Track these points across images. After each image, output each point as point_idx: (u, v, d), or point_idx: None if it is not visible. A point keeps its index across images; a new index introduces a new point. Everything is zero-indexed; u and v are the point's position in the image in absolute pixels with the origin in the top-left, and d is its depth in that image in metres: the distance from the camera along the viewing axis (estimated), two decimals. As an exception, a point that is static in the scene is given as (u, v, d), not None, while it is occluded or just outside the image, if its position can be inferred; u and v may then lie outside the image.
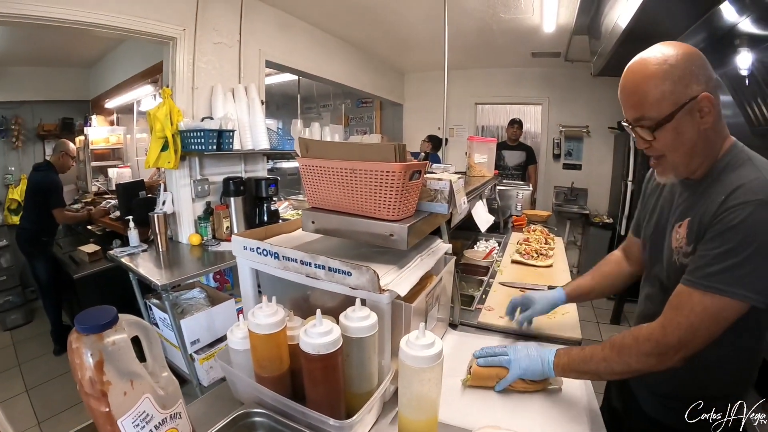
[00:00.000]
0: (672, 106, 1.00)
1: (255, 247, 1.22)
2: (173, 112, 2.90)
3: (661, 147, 1.07)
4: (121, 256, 2.87)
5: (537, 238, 2.93)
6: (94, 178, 5.88)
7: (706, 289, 0.98)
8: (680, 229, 1.13)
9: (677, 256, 1.13)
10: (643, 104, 1.03)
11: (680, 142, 1.04)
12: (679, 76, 0.99)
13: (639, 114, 1.05)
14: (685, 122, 1.01)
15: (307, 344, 0.91)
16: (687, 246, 1.09)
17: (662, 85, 0.99)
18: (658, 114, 1.02)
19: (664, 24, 2.49)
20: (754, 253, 0.93)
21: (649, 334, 1.05)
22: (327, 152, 1.23)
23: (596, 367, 1.14)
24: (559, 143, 6.60)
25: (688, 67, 0.99)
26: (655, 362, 1.04)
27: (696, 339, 1.00)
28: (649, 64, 1.01)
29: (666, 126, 1.02)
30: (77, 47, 5.16)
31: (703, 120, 1.02)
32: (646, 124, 1.05)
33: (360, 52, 5.66)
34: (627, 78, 1.07)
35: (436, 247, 1.44)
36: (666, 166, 1.12)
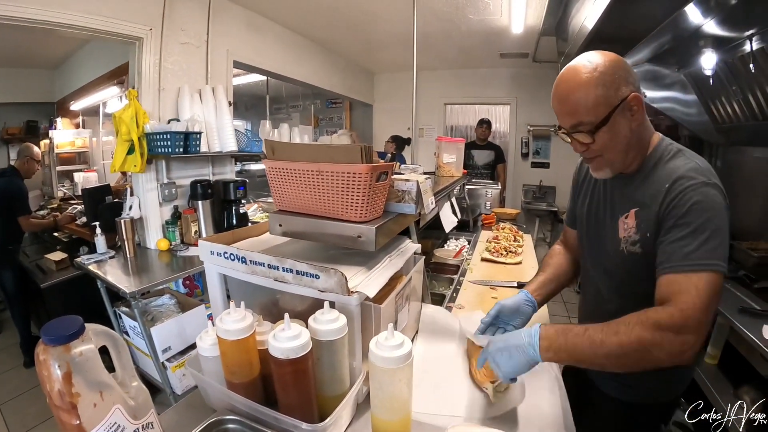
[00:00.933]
0: (607, 109, 1.07)
1: (222, 251, 1.21)
2: (139, 114, 2.85)
3: (599, 148, 1.14)
4: (88, 263, 2.80)
5: (506, 236, 2.97)
6: (60, 183, 5.73)
7: (694, 269, 1.00)
8: (627, 220, 1.19)
9: (625, 245, 1.19)
10: (578, 111, 1.09)
11: (616, 141, 1.12)
12: (609, 81, 1.06)
13: (576, 120, 1.11)
14: (619, 122, 1.09)
15: (276, 349, 0.91)
16: (635, 234, 1.16)
17: (595, 91, 1.06)
18: (596, 118, 1.08)
19: (630, 26, 2.55)
20: (717, 229, 1.01)
21: (664, 312, 0.99)
22: (293, 154, 1.22)
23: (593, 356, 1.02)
24: (527, 142, 6.71)
25: (616, 71, 1.07)
26: (666, 355, 0.97)
27: (708, 317, 0.99)
28: (581, 73, 1.08)
29: (603, 128, 1.09)
30: (42, 48, 5.02)
31: (634, 117, 1.11)
32: (584, 129, 1.11)
33: (329, 52, 5.64)
34: (560, 87, 1.12)
35: (405, 247, 1.45)
36: (602, 163, 1.19)
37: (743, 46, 2.43)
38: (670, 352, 0.97)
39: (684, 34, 2.57)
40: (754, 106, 2.67)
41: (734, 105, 2.88)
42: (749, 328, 1.92)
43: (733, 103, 2.89)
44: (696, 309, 0.98)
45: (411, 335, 1.58)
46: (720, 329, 2.30)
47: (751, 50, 2.36)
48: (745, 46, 2.41)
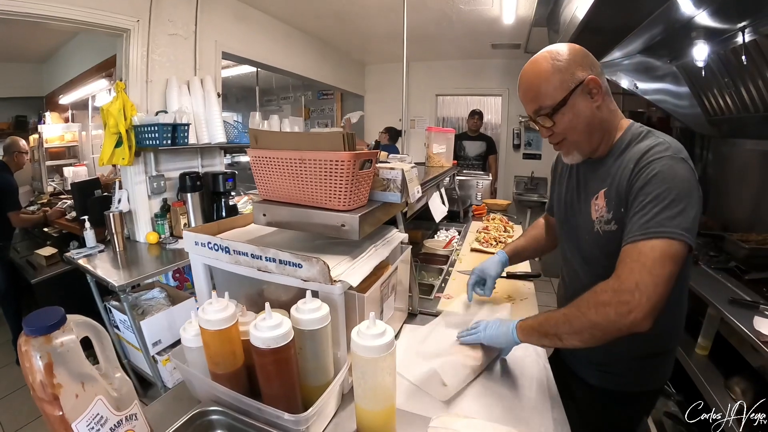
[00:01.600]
0: (564, 92, 1.14)
1: (206, 242, 1.20)
2: (127, 106, 2.82)
3: (561, 130, 1.21)
4: (78, 257, 2.79)
5: (496, 226, 2.97)
6: (50, 178, 5.68)
7: (647, 237, 1.01)
8: (597, 201, 1.23)
9: (599, 226, 1.22)
10: (539, 96, 1.18)
11: (577, 122, 1.18)
12: (565, 67, 1.14)
13: (537, 106, 1.19)
14: (579, 104, 1.16)
15: (257, 338, 0.90)
16: (608, 213, 1.19)
17: (552, 77, 1.15)
18: (553, 101, 1.16)
19: (621, 16, 2.55)
20: (677, 197, 1.01)
21: (605, 284, 1.05)
22: (276, 143, 1.21)
23: (556, 326, 1.12)
24: (519, 134, 6.71)
25: (572, 58, 1.15)
26: (615, 313, 1.00)
27: (654, 277, 0.98)
28: (539, 63, 1.18)
29: (562, 110, 1.16)
30: (29, 41, 4.96)
31: (594, 99, 1.17)
32: (544, 112, 1.18)
33: (320, 43, 5.61)
34: (522, 78, 1.22)
35: (391, 236, 1.44)
36: (569, 147, 1.25)
37: (735, 38, 2.43)
38: (613, 320, 1.00)
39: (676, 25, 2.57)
40: (746, 98, 2.68)
41: (726, 97, 2.89)
42: (740, 319, 1.92)
43: (725, 95, 2.89)
44: (633, 272, 1.00)
45: (397, 326, 1.58)
46: (711, 320, 2.31)
47: (744, 42, 2.36)
48: (737, 38, 2.41)
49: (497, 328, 1.31)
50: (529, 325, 1.22)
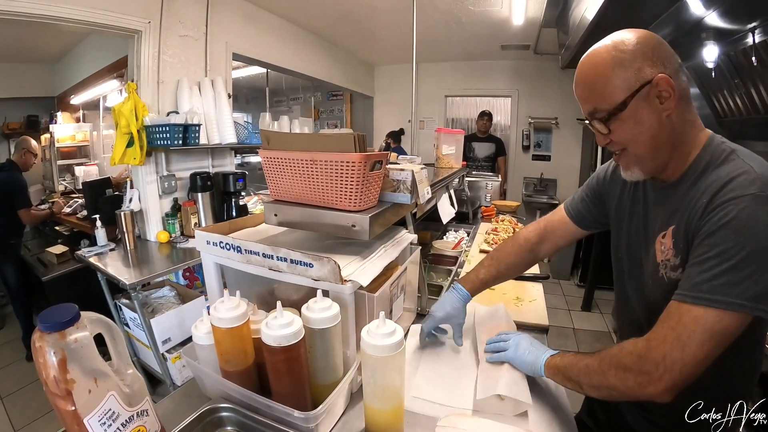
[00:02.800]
0: (624, 93, 0.92)
1: (218, 241, 1.21)
2: (138, 107, 2.84)
3: (620, 140, 0.98)
4: (89, 256, 2.81)
5: (505, 227, 2.97)
6: (61, 177, 5.73)
7: (695, 302, 0.84)
8: (664, 239, 1.01)
9: (664, 270, 1.01)
10: (594, 96, 0.97)
11: (639, 132, 0.95)
12: (629, 61, 0.91)
13: (592, 107, 0.98)
14: (643, 109, 0.92)
15: (269, 336, 0.91)
16: (675, 258, 0.97)
17: (611, 73, 0.92)
18: (610, 104, 0.94)
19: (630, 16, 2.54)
20: (751, 255, 0.80)
21: (633, 346, 0.91)
22: (288, 144, 1.22)
23: (578, 375, 1.02)
24: (528, 135, 6.70)
25: (640, 50, 0.91)
26: (634, 382, 0.89)
27: (685, 356, 0.83)
28: (599, 54, 0.95)
29: (620, 116, 0.94)
30: (41, 42, 5.01)
31: (664, 106, 0.92)
32: (599, 117, 0.97)
33: (329, 44, 5.63)
34: (578, 71, 1.00)
35: (401, 237, 1.45)
36: (629, 160, 1.01)
37: (745, 39, 2.42)
38: (631, 387, 0.90)
39: (685, 26, 2.56)
40: (757, 99, 2.66)
41: (736, 98, 2.88)
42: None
43: (735, 97, 2.88)
44: (665, 341, 0.86)
45: (406, 326, 1.59)
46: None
47: (754, 43, 2.35)
48: (747, 39, 2.40)
49: (527, 354, 1.18)
50: (556, 364, 1.10)
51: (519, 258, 1.48)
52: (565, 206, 1.44)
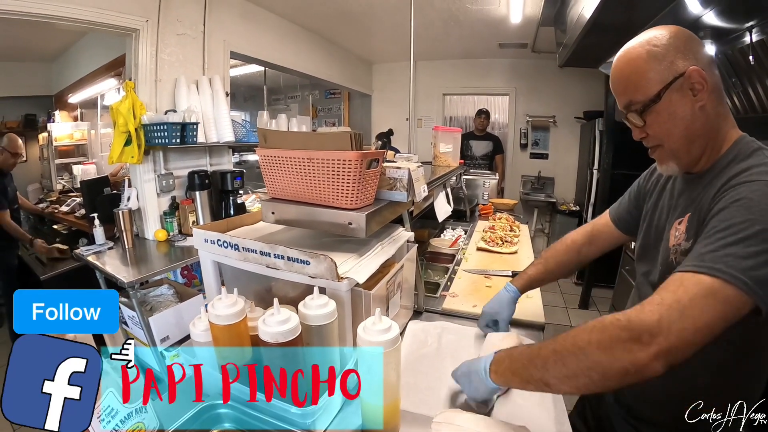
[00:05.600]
0: (659, 85, 0.94)
1: (216, 239, 1.22)
2: (136, 105, 2.84)
3: (656, 132, 1.00)
4: (87, 254, 2.81)
5: (502, 225, 2.98)
6: (59, 176, 5.73)
7: (698, 270, 0.79)
8: (680, 225, 1.02)
9: (674, 255, 1.01)
10: (629, 89, 0.99)
11: (674, 125, 0.96)
12: (662, 54, 0.94)
13: (627, 100, 1.00)
14: (677, 101, 0.95)
15: (266, 333, 0.92)
16: (686, 242, 0.98)
17: (645, 66, 0.95)
18: (645, 96, 0.96)
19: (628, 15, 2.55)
20: (760, 234, 0.77)
21: (620, 314, 0.82)
22: (285, 142, 1.23)
23: (544, 365, 0.88)
24: (526, 133, 6.69)
25: (673, 43, 0.95)
26: (623, 351, 0.77)
27: (684, 319, 0.75)
28: (634, 49, 0.98)
29: (655, 108, 0.96)
30: (38, 41, 4.99)
31: (697, 97, 0.94)
32: (635, 109, 0.99)
33: (327, 42, 5.62)
34: (614, 66, 1.03)
35: (397, 235, 1.46)
36: (665, 154, 1.03)
37: (743, 38, 2.43)
38: (615, 360, 0.78)
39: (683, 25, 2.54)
40: (754, 98, 2.67)
41: (734, 97, 2.88)
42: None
43: (733, 96, 2.88)
44: (662, 304, 0.78)
45: (403, 322, 1.59)
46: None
47: (751, 42, 2.35)
48: (744, 38, 2.41)
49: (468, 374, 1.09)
50: (506, 366, 0.98)
51: (566, 257, 1.49)
52: (610, 211, 1.44)
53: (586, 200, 5.10)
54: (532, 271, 1.53)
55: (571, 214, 5.68)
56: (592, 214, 4.91)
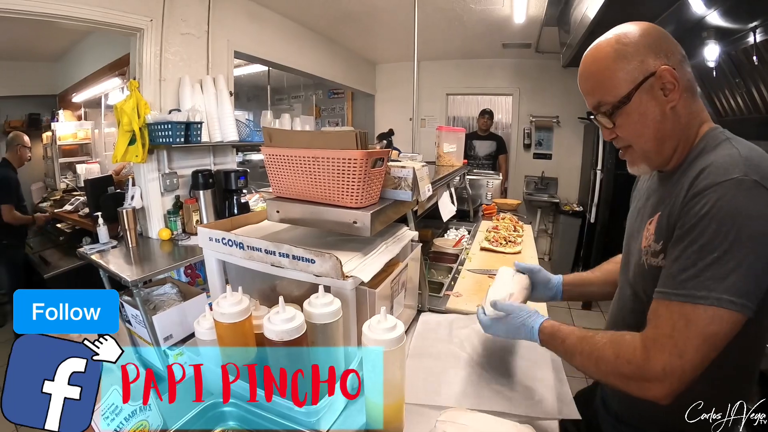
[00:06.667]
0: (628, 86, 0.91)
1: (220, 237, 1.22)
2: (140, 104, 2.85)
3: (626, 134, 0.97)
4: (90, 253, 2.82)
5: (506, 225, 2.98)
6: (63, 175, 5.74)
7: (683, 299, 0.82)
8: (650, 226, 0.99)
9: (645, 257, 0.99)
10: (598, 89, 0.96)
11: (645, 126, 0.94)
12: (632, 53, 0.91)
13: (596, 100, 0.97)
14: (647, 102, 0.92)
15: (271, 331, 0.93)
16: (655, 243, 0.95)
17: (614, 65, 0.92)
18: (614, 97, 0.93)
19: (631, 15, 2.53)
20: (734, 246, 0.78)
21: (631, 355, 0.88)
22: (290, 141, 1.23)
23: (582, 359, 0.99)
24: (529, 133, 6.68)
25: (642, 41, 0.91)
26: (637, 389, 0.88)
27: (684, 364, 0.81)
28: (602, 47, 0.95)
29: (625, 109, 0.93)
30: (43, 40, 5.00)
31: (669, 98, 0.91)
32: (604, 110, 0.96)
33: (331, 42, 5.62)
34: (582, 64, 0.99)
35: (402, 234, 1.46)
36: (635, 155, 1.00)
37: (746, 38, 2.42)
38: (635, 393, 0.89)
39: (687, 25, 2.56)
40: (758, 98, 2.66)
41: (737, 98, 2.88)
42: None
43: (737, 96, 2.88)
44: (663, 351, 0.84)
45: (407, 321, 1.60)
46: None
47: (755, 42, 2.35)
48: (748, 38, 2.40)
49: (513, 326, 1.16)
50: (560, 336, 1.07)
51: (613, 264, 1.37)
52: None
53: (590, 201, 5.09)
54: (584, 272, 1.46)
55: (574, 215, 5.67)
56: (596, 215, 4.91)
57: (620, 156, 1.05)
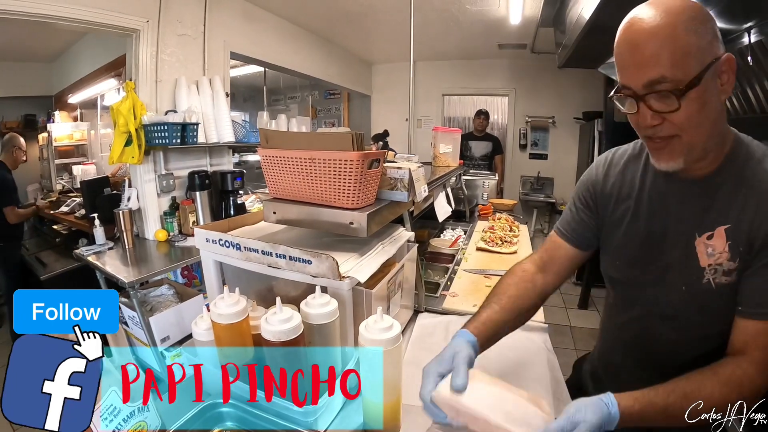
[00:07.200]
0: (699, 65, 0.77)
1: (217, 239, 1.23)
2: (136, 105, 2.85)
3: (683, 121, 0.80)
4: (87, 254, 2.81)
5: (502, 225, 2.98)
6: (59, 176, 5.72)
7: None
8: (711, 241, 0.90)
9: (712, 276, 0.91)
10: (663, 60, 0.77)
11: (705, 116, 0.81)
12: (702, 30, 0.77)
13: (657, 74, 0.78)
14: (711, 90, 0.79)
15: (268, 331, 0.93)
16: (729, 262, 0.88)
17: (687, 38, 0.76)
18: (685, 74, 0.77)
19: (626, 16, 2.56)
20: None
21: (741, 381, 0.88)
22: (286, 142, 1.24)
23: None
24: (525, 134, 6.71)
25: (709, 20, 0.79)
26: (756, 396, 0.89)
27: None
28: (669, 11, 0.77)
29: (692, 92, 0.77)
30: (39, 41, 4.99)
31: (724, 89, 0.81)
32: (666, 88, 0.78)
33: (327, 43, 5.63)
34: (634, 29, 0.80)
35: (398, 234, 1.47)
36: (679, 146, 0.85)
37: (741, 39, 2.43)
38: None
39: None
40: (753, 99, 2.67)
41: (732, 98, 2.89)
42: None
43: (731, 97, 2.89)
44: None
45: (404, 322, 1.60)
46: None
47: (750, 43, 2.36)
48: (743, 39, 2.41)
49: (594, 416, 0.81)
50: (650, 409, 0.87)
51: (520, 290, 1.13)
52: (556, 229, 1.21)
53: (586, 201, 5.11)
54: (486, 313, 1.08)
55: (570, 215, 5.69)
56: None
57: (652, 146, 0.90)
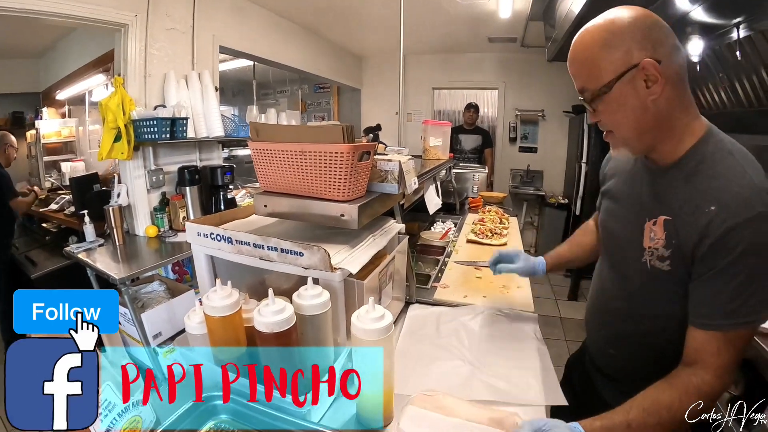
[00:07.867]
0: (610, 75, 0.91)
1: (209, 232, 1.23)
2: (125, 101, 2.82)
3: (606, 121, 0.99)
4: (77, 252, 2.79)
5: (492, 218, 3.00)
6: (47, 174, 5.66)
7: (737, 327, 0.91)
8: (655, 227, 1.00)
9: (649, 257, 1.02)
10: (583, 74, 0.97)
11: (624, 116, 0.95)
12: (618, 43, 0.90)
13: (580, 85, 0.99)
14: (628, 93, 0.92)
15: (261, 323, 0.94)
16: (664, 249, 0.98)
17: (600, 53, 0.92)
18: (596, 85, 0.94)
19: (616, 10, 2.58)
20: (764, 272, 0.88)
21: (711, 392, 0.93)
22: (277, 135, 1.24)
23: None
24: (515, 127, 6.72)
25: (630, 31, 0.90)
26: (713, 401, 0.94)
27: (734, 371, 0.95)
28: (591, 32, 0.95)
29: (605, 97, 0.94)
30: (26, 37, 4.93)
31: (650, 90, 0.91)
32: (587, 96, 0.98)
33: (317, 36, 5.60)
34: (572, 47, 0.99)
35: (389, 227, 1.48)
36: (616, 140, 1.02)
37: (730, 34, 2.46)
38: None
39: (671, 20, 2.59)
40: (741, 93, 2.71)
41: (721, 92, 2.92)
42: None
43: (720, 91, 2.92)
44: (729, 371, 0.93)
45: (395, 313, 1.61)
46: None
47: (738, 38, 2.39)
48: (732, 34, 2.44)
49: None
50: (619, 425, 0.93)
51: (587, 238, 1.49)
52: (594, 218, 1.45)
53: (575, 193, 5.15)
54: (560, 248, 1.56)
55: (559, 207, 5.74)
56: (581, 207, 4.98)
57: (604, 137, 1.05)
